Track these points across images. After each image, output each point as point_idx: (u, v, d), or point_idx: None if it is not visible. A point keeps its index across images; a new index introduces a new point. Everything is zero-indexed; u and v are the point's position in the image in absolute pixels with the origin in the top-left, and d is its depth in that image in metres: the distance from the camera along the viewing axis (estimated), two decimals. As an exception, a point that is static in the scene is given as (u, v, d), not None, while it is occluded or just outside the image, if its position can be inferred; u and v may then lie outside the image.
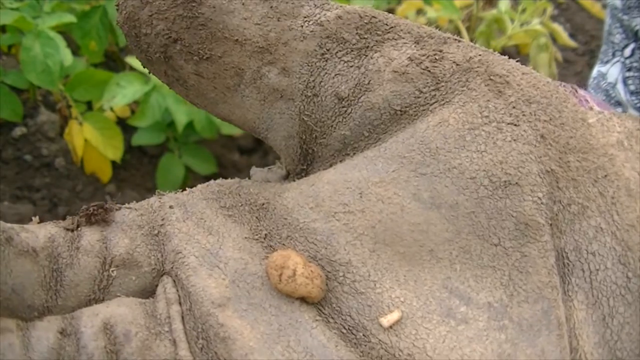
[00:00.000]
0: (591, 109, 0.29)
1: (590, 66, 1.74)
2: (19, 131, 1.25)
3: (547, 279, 0.25)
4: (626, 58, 0.72)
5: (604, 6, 1.53)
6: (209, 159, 1.32)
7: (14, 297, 0.25)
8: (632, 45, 0.71)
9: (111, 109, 1.28)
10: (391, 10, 1.62)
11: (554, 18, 1.78)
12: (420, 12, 1.61)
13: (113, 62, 1.42)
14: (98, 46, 1.26)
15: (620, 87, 0.72)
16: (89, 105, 1.29)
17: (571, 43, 1.68)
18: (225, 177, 1.11)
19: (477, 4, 1.68)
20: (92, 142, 1.21)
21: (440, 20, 1.66)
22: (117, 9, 0.29)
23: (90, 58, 1.29)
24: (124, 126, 1.29)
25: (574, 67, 1.78)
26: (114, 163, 1.26)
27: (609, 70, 0.74)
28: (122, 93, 1.20)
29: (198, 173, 1.33)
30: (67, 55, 1.15)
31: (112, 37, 1.29)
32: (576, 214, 0.26)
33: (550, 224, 0.26)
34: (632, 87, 0.71)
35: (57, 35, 1.14)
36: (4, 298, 0.25)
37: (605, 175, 0.26)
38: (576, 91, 0.30)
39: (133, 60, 1.30)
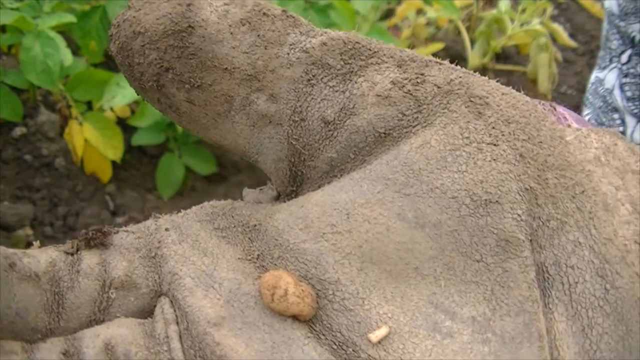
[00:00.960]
0: (569, 126, 0.30)
1: (590, 66, 1.73)
2: (19, 131, 1.25)
3: (527, 292, 0.26)
4: (623, 64, 0.72)
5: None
6: (209, 159, 1.33)
7: (18, 321, 0.26)
8: (629, 52, 0.72)
9: (111, 109, 1.28)
10: (391, 10, 1.62)
11: (554, 18, 1.78)
12: (420, 12, 1.61)
13: (113, 62, 1.42)
14: (98, 46, 1.26)
15: (617, 93, 0.73)
16: (89, 105, 1.29)
17: (571, 43, 1.68)
18: (226, 177, 1.10)
19: (477, 4, 1.68)
20: (92, 142, 1.21)
21: (440, 20, 1.66)
22: (111, 39, 0.29)
23: (90, 58, 1.30)
24: (124, 126, 1.29)
25: (574, 67, 1.78)
26: (114, 163, 1.27)
27: (607, 76, 0.74)
28: (122, 93, 1.20)
29: (198, 173, 1.33)
30: (67, 55, 1.15)
31: (112, 37, 1.29)
32: (555, 229, 0.27)
33: (530, 240, 0.27)
34: (628, 94, 0.72)
35: (57, 35, 1.14)
36: (8, 322, 0.25)
37: (583, 191, 0.27)
38: (555, 109, 0.31)
39: (133, 61, 1.30)
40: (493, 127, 0.27)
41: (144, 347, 0.26)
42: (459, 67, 0.30)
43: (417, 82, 0.28)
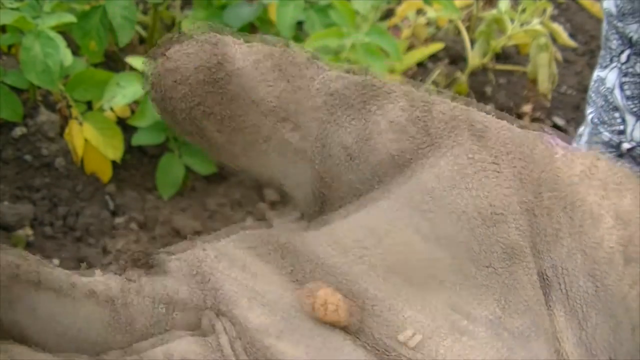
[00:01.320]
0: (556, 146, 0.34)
1: (590, 66, 1.74)
2: (19, 131, 1.26)
3: (532, 293, 0.30)
4: (622, 64, 0.74)
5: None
6: (209, 159, 1.33)
7: (79, 335, 0.28)
8: (627, 51, 0.73)
9: (111, 109, 1.28)
10: (391, 10, 1.62)
11: (554, 18, 1.78)
12: (420, 12, 1.62)
13: (113, 62, 1.42)
14: (98, 46, 1.26)
15: (617, 92, 0.75)
16: (89, 105, 1.29)
17: (571, 43, 1.69)
18: (226, 177, 1.11)
19: (477, 4, 1.68)
20: (92, 142, 1.22)
21: (440, 20, 1.66)
22: (150, 87, 0.32)
23: (90, 58, 1.30)
24: (124, 126, 1.29)
25: (574, 67, 1.78)
26: (114, 163, 1.27)
27: (607, 76, 0.76)
28: (122, 93, 1.20)
29: (198, 173, 1.34)
30: (67, 55, 1.16)
31: (112, 37, 1.30)
32: (551, 238, 0.31)
33: (531, 247, 0.30)
34: (628, 92, 0.74)
35: (57, 35, 1.15)
36: (71, 336, 0.28)
37: (573, 203, 0.31)
38: (543, 131, 0.35)
39: (133, 60, 1.30)
40: (493, 149, 0.31)
41: (201, 355, 0.29)
42: (457, 101, 0.34)
43: (425, 110, 0.32)
